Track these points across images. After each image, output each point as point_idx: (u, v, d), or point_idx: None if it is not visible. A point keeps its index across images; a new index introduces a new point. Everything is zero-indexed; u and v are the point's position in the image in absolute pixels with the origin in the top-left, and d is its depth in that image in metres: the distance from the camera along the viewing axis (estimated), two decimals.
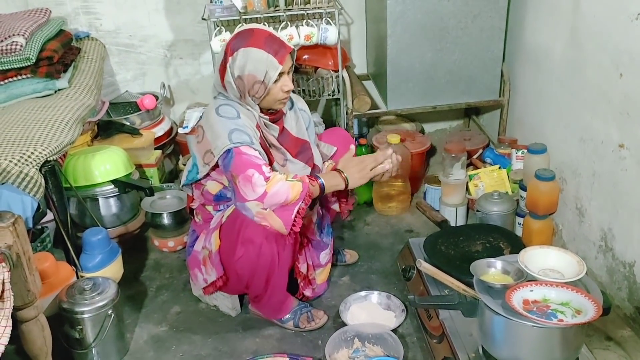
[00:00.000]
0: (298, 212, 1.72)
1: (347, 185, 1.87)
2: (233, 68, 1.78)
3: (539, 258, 1.71)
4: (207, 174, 1.88)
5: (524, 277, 1.63)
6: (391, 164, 1.91)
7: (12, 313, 1.55)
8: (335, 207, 2.14)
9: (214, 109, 1.82)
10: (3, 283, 1.37)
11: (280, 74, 1.79)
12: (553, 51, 2.33)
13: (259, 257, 1.81)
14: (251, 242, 1.79)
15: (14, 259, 1.47)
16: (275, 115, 1.91)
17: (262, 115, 1.86)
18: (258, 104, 1.85)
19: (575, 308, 1.54)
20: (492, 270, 1.70)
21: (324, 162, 2.08)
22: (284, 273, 1.92)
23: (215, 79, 1.89)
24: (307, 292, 2.11)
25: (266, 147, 1.86)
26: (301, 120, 2.02)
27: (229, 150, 1.73)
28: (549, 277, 1.65)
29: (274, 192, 1.68)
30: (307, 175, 1.85)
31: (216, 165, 1.81)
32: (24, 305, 1.55)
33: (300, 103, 2.08)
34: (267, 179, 1.69)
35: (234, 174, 1.73)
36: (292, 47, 1.81)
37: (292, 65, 1.86)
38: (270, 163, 1.87)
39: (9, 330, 1.34)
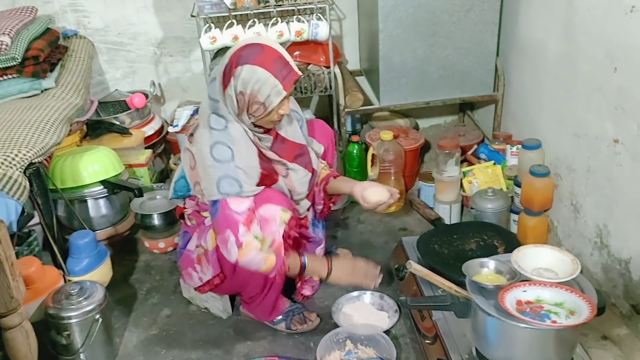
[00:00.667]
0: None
1: (327, 277, 1.86)
2: (237, 81, 1.68)
3: (532, 257, 1.68)
4: None
5: (517, 277, 1.60)
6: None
7: None
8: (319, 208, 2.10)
9: (209, 146, 1.70)
10: None
11: (283, 100, 1.72)
12: (547, 45, 2.30)
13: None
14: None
15: None
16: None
17: (254, 129, 1.78)
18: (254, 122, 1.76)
19: (570, 309, 1.51)
20: (485, 270, 1.67)
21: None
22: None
23: (213, 85, 1.75)
24: (307, 292, 2.08)
25: (266, 160, 1.81)
26: (295, 122, 1.96)
27: (215, 201, 1.72)
28: (543, 276, 1.62)
29: (246, 261, 1.71)
30: (291, 219, 1.77)
31: None
32: (7, 312, 1.52)
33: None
34: (239, 244, 1.68)
35: (215, 229, 1.78)
36: (299, 75, 1.73)
37: (294, 88, 1.80)
38: (273, 181, 1.83)
39: None
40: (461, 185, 2.51)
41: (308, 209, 1.98)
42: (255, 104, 1.69)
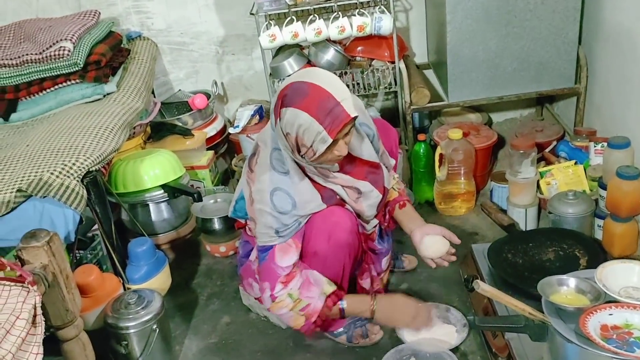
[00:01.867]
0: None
1: (371, 318, 1.77)
2: (282, 123, 1.53)
3: (620, 274, 1.52)
4: None
5: (602, 298, 1.44)
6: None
7: (53, 333, 1.53)
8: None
9: (269, 192, 1.62)
10: (35, 308, 1.32)
11: (333, 142, 1.53)
12: (636, 31, 2.07)
13: (324, 268, 1.70)
14: (316, 255, 1.69)
15: (50, 279, 1.42)
16: None
17: (317, 165, 1.65)
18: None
19: None
20: (564, 289, 1.51)
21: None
22: (346, 285, 1.81)
23: (270, 120, 1.64)
24: None
25: (333, 193, 1.71)
26: (366, 139, 1.79)
27: (264, 248, 1.68)
28: (633, 297, 1.45)
29: (277, 314, 1.74)
30: (333, 293, 1.71)
31: None
32: (63, 324, 1.52)
33: (360, 115, 1.71)
34: (273, 298, 1.69)
35: (258, 274, 1.77)
36: (352, 116, 1.51)
37: (353, 125, 1.58)
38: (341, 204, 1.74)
39: (40, 357, 1.29)
40: (538, 187, 2.32)
41: (375, 226, 1.87)
42: (303, 147, 1.54)
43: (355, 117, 1.53)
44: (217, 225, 2.32)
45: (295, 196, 1.63)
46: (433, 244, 1.77)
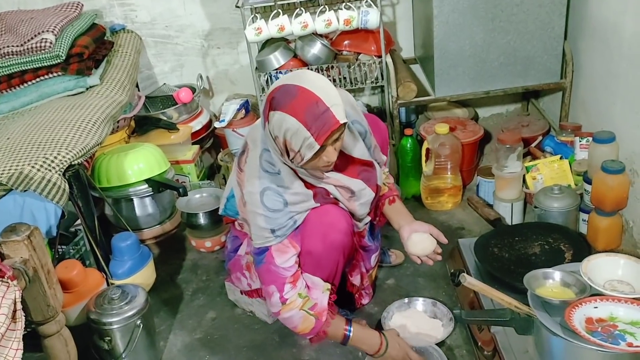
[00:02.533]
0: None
1: (376, 354, 1.70)
2: (271, 126, 1.49)
3: (605, 268, 1.52)
4: None
5: (587, 291, 1.44)
6: None
7: (34, 328, 1.51)
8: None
9: (259, 193, 1.59)
10: (15, 303, 1.29)
11: (322, 148, 1.50)
12: (622, 26, 2.07)
13: (317, 269, 1.69)
14: (310, 254, 1.66)
15: (30, 274, 1.40)
16: None
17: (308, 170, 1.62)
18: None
19: None
20: (550, 282, 1.52)
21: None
22: (338, 283, 1.80)
23: (260, 120, 1.61)
24: (365, 300, 1.98)
25: (326, 192, 1.69)
26: (358, 136, 1.76)
27: (261, 249, 1.64)
28: (617, 290, 1.45)
29: (287, 317, 1.66)
30: (344, 318, 1.70)
31: None
32: (44, 320, 1.50)
33: (351, 112, 1.73)
34: (284, 300, 1.63)
35: (259, 278, 1.73)
36: (343, 121, 1.46)
37: (342, 133, 1.53)
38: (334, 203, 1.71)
39: (20, 353, 1.27)
40: (524, 182, 2.32)
41: (367, 223, 1.86)
42: (291, 151, 1.50)
43: (345, 124, 1.49)
44: (202, 220, 2.30)
45: (286, 195, 1.60)
46: (420, 241, 1.75)
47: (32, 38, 2.20)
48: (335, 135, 1.49)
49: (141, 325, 1.75)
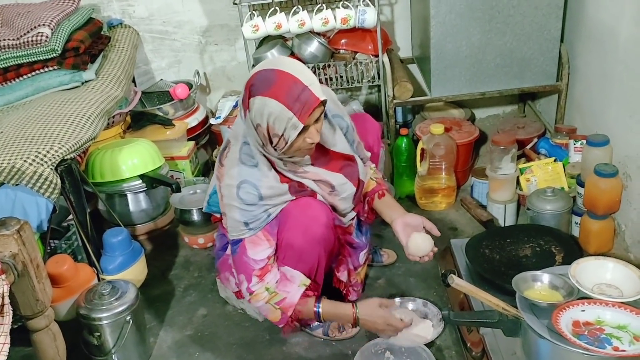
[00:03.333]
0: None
1: (354, 325, 1.75)
2: (252, 114, 1.51)
3: (593, 271, 1.52)
4: None
5: (575, 294, 1.45)
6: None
7: (23, 323, 1.51)
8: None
9: (236, 186, 1.61)
10: (2, 297, 1.30)
11: (304, 129, 1.52)
12: (618, 30, 2.07)
13: (298, 262, 1.69)
14: (290, 247, 1.67)
15: (20, 269, 1.40)
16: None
17: (287, 158, 1.64)
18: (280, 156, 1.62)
19: (634, 333, 1.35)
20: (538, 284, 1.52)
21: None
22: (321, 280, 1.80)
23: (240, 113, 1.63)
24: (352, 297, 1.97)
25: (304, 187, 1.70)
26: (338, 131, 1.77)
27: (236, 241, 1.67)
28: (605, 294, 1.45)
29: (256, 306, 1.73)
30: (312, 292, 1.72)
31: None
32: (33, 315, 1.49)
33: (332, 106, 1.77)
34: (251, 292, 1.68)
35: (234, 267, 1.76)
36: (321, 99, 1.50)
37: (323, 111, 1.56)
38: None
39: (7, 347, 1.27)
40: (518, 183, 2.32)
41: (353, 218, 1.86)
42: (274, 137, 1.52)
43: (325, 101, 1.52)
44: (195, 216, 2.30)
45: (261, 189, 1.62)
46: (422, 242, 1.74)
47: (28, 32, 2.20)
48: (316, 114, 1.52)
49: (131, 321, 1.76)
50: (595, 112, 2.31)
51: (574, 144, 2.31)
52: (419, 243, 1.74)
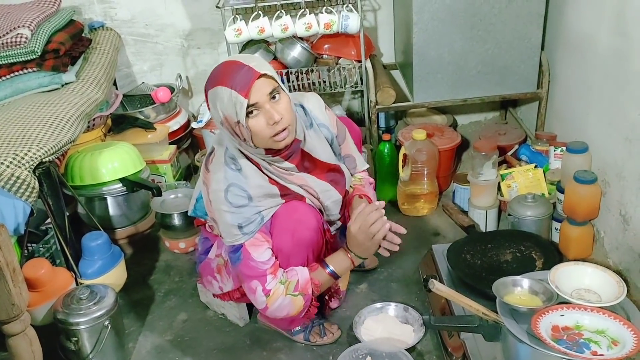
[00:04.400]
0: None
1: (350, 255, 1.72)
2: (212, 113, 1.56)
3: (572, 276, 1.53)
4: None
5: (554, 299, 1.45)
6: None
7: None
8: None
9: (223, 190, 1.59)
10: None
11: (257, 107, 1.51)
12: (597, 39, 2.10)
13: (286, 266, 1.68)
14: (280, 251, 1.66)
15: None
16: (289, 149, 1.63)
17: (269, 158, 1.63)
18: (257, 147, 1.59)
19: (612, 338, 1.36)
20: (518, 289, 1.52)
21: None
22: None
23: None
24: (334, 304, 1.97)
25: (290, 191, 1.69)
26: (324, 139, 1.77)
27: (236, 246, 1.63)
28: (584, 299, 1.46)
29: (275, 307, 1.65)
30: (317, 264, 1.70)
31: None
32: (8, 319, 1.47)
33: (319, 115, 1.78)
34: (267, 292, 1.63)
35: (240, 277, 1.70)
36: (262, 72, 1.49)
37: (275, 89, 1.53)
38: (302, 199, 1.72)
39: None
40: (499, 189, 2.34)
41: (338, 228, 1.86)
42: (235, 126, 1.53)
43: (265, 75, 1.50)
44: (177, 220, 2.28)
45: (250, 189, 1.61)
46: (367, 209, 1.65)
47: (7, 33, 2.17)
48: (263, 89, 1.50)
49: (109, 326, 1.73)
50: (575, 119, 2.33)
51: (554, 151, 2.34)
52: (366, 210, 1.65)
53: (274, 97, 1.54)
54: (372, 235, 1.64)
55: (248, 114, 1.52)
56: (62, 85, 2.22)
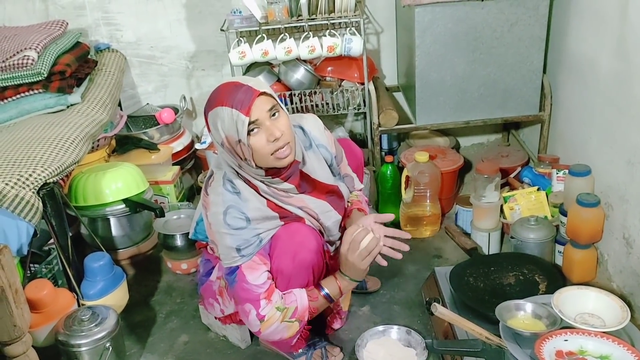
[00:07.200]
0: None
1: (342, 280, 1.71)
2: (213, 134, 1.58)
3: (576, 301, 1.53)
4: None
5: (558, 324, 1.45)
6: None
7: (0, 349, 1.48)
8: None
9: (222, 213, 1.60)
10: None
11: (258, 125, 1.53)
12: (599, 63, 2.11)
13: (288, 287, 1.67)
14: (281, 273, 1.65)
15: None
16: (288, 170, 1.64)
17: (269, 180, 1.63)
18: (259, 167, 1.59)
19: None
20: (521, 313, 1.52)
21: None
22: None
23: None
24: (336, 325, 1.96)
25: (288, 213, 1.69)
26: (323, 161, 1.78)
27: (232, 268, 1.64)
28: (588, 323, 1.46)
29: (269, 332, 1.65)
30: (313, 287, 1.70)
31: None
32: (10, 341, 1.47)
33: (318, 135, 1.78)
34: (261, 318, 1.62)
35: (234, 298, 1.71)
36: (261, 90, 1.51)
37: (274, 106, 1.55)
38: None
39: None
40: (501, 212, 2.34)
41: (337, 248, 1.86)
42: (236, 145, 1.55)
43: (264, 93, 1.51)
44: (179, 241, 2.28)
45: (248, 211, 1.61)
46: (356, 234, 1.63)
47: (14, 55, 2.20)
48: (262, 106, 1.52)
49: (110, 348, 1.73)
50: (577, 142, 2.34)
51: (557, 174, 2.34)
52: (353, 233, 1.63)
53: (273, 115, 1.55)
54: (363, 257, 1.64)
55: (249, 132, 1.53)
56: (68, 107, 2.23)
